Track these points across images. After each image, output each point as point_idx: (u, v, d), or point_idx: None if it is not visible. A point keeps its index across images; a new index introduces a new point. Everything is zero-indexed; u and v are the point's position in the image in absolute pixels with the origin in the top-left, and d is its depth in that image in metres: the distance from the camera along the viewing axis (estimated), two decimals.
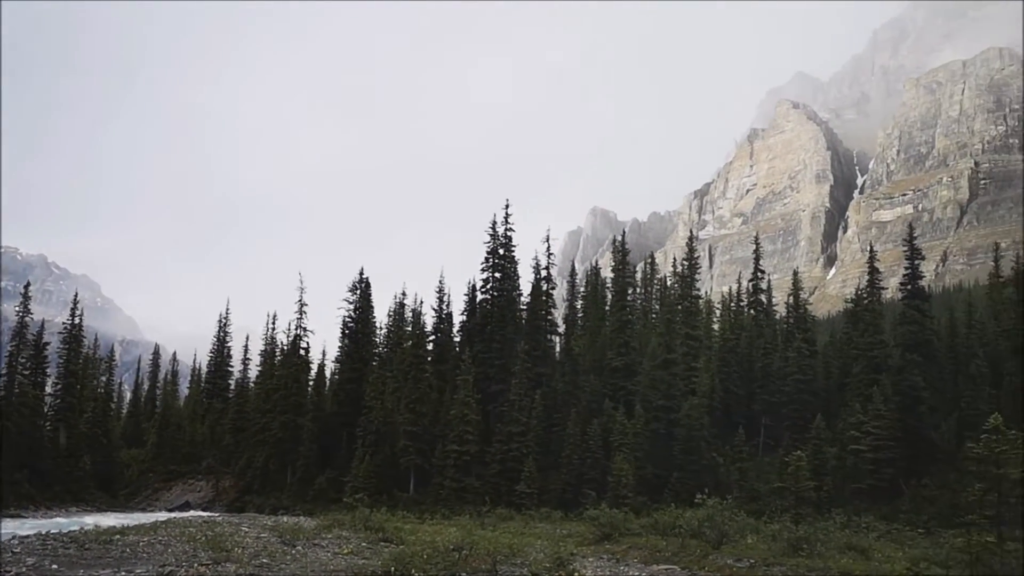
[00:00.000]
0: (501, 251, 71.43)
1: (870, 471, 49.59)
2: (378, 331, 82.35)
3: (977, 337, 64.47)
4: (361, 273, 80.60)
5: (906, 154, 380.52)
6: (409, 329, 77.35)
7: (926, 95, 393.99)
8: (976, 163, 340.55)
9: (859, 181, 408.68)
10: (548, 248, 73.20)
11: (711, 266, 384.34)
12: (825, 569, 26.23)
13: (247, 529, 35.06)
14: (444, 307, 77.92)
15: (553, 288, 75.30)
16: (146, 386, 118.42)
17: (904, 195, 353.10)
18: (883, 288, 67.57)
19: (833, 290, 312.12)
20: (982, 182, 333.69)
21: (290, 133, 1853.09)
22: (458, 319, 76.51)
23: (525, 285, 72.77)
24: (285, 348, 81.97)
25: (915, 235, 64.82)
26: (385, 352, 79.66)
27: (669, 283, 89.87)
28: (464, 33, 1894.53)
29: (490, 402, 64.64)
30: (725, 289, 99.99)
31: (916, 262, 61.55)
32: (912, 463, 50.57)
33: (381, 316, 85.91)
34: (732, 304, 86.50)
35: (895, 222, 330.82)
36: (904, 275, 61.87)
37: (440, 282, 78.86)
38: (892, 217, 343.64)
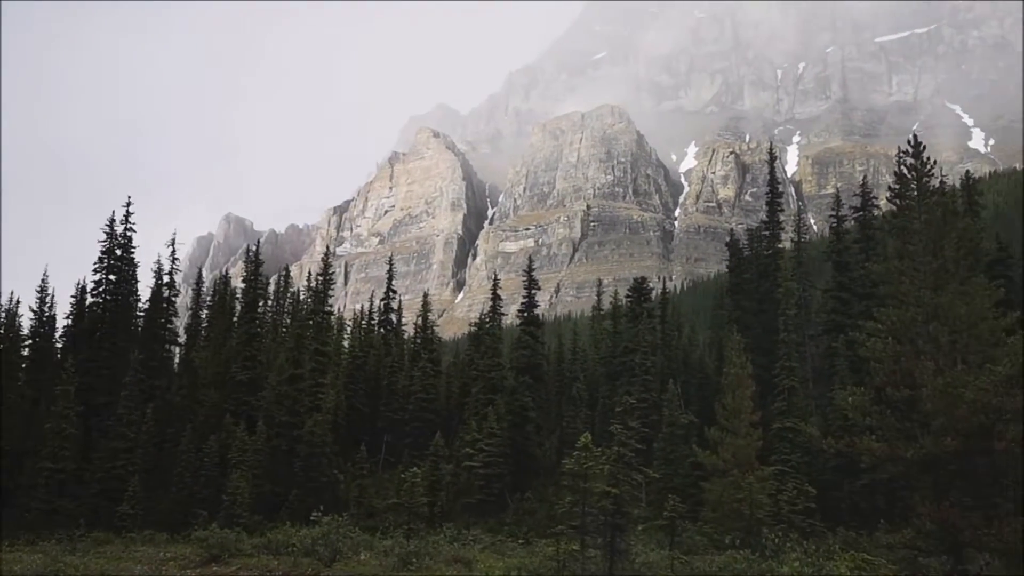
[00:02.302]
0: (119, 252, 65.47)
1: (481, 486, 52.55)
2: None
3: (580, 363, 71.62)
4: None
5: (531, 192, 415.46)
6: (1, 332, 68.21)
7: (551, 140, 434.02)
8: (588, 206, 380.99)
9: (490, 212, 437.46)
10: (173, 252, 68.53)
11: (346, 283, 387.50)
12: None
13: None
14: (47, 309, 69.70)
15: (176, 296, 70.71)
16: None
17: (527, 229, 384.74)
18: (504, 314, 72.33)
19: (460, 313, 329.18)
20: (592, 224, 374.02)
21: None
22: (63, 323, 68.93)
23: (145, 291, 67.47)
24: None
25: (534, 267, 70.43)
26: None
27: (302, 297, 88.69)
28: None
29: (95, 415, 58.81)
30: (358, 307, 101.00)
31: (533, 292, 66.89)
32: (518, 478, 54.52)
33: None
34: (364, 322, 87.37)
35: (518, 253, 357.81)
36: (522, 303, 66.91)
37: (43, 281, 70.32)
38: (516, 248, 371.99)
